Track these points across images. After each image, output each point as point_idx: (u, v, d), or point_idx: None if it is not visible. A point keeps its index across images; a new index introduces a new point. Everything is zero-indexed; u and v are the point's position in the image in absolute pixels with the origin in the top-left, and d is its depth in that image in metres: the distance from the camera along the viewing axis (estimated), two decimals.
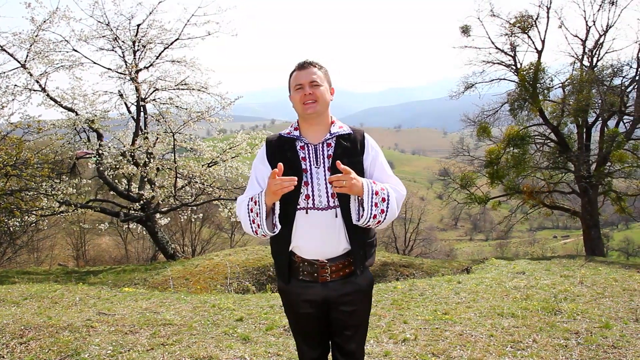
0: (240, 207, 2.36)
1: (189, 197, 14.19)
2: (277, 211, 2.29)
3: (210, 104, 14.04)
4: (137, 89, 13.28)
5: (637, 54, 16.30)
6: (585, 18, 16.78)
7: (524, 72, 16.99)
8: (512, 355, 4.05)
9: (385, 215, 2.24)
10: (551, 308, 5.37)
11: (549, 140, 18.03)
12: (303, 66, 2.35)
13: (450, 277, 7.72)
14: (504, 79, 18.26)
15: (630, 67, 16.47)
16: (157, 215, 14.25)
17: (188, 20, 13.43)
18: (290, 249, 2.38)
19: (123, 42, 13.23)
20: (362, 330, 2.52)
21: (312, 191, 2.29)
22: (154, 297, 6.19)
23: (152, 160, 13.16)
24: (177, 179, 13.16)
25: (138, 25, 13.19)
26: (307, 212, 2.30)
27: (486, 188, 19.50)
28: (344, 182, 2.13)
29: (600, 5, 16.18)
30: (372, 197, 2.20)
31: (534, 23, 16.75)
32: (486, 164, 18.22)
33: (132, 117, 13.81)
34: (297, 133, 2.40)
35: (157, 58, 13.74)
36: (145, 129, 13.69)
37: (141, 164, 13.01)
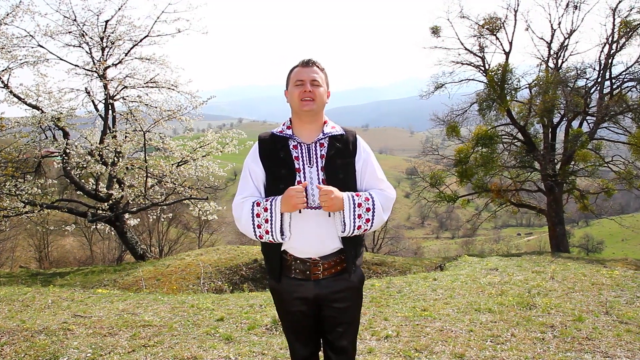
0: (241, 210, 2.34)
1: (159, 196, 13.94)
2: (289, 219, 2.30)
3: (180, 103, 13.83)
4: (105, 87, 12.96)
5: (599, 57, 16.88)
6: (550, 21, 17.29)
7: (492, 73, 17.36)
8: (493, 349, 4.13)
9: (372, 223, 2.32)
10: (526, 303, 5.51)
11: (516, 140, 18.48)
12: (307, 64, 2.35)
13: (426, 274, 7.83)
14: (472, 79, 18.62)
15: (594, 69, 17.04)
16: (126, 216, 13.95)
17: (158, 17, 13.18)
18: (282, 248, 2.37)
19: (91, 38, 12.89)
20: (354, 326, 2.53)
21: (306, 190, 2.29)
22: (130, 298, 6.06)
23: (120, 159, 12.88)
24: (148, 178, 12.91)
25: (106, 22, 12.87)
26: (300, 211, 2.30)
27: (455, 187, 19.84)
28: (324, 202, 2.21)
29: (565, 9, 16.70)
30: (353, 211, 2.27)
31: (502, 25, 17.14)
32: (455, 163, 18.55)
33: (100, 115, 13.47)
34: (289, 132, 2.39)
35: (126, 55, 13.43)
36: (113, 127, 13.38)
37: (109, 163, 12.71)
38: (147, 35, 13.34)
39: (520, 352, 4.07)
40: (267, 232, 2.27)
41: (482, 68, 18.02)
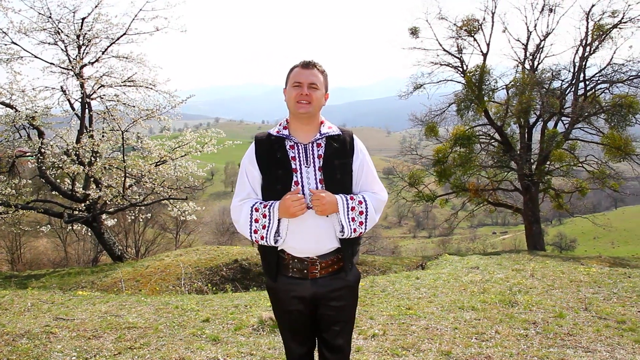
0: (239, 213, 2.36)
1: (137, 196, 13.75)
2: (287, 221, 2.32)
3: (158, 102, 13.66)
4: (81, 85, 12.72)
5: (574, 59, 17.26)
6: (526, 23, 17.61)
7: (470, 74, 17.60)
8: (478, 347, 4.19)
9: (365, 226, 2.35)
10: (508, 300, 5.60)
11: (493, 140, 18.77)
12: (307, 65, 2.35)
13: (408, 273, 7.90)
14: (451, 80, 18.83)
15: (568, 71, 17.43)
16: (103, 216, 13.72)
17: (136, 15, 12.99)
18: (281, 248, 2.37)
19: (67, 35, 12.64)
20: (350, 325, 2.55)
21: (303, 190, 2.31)
22: (112, 300, 5.96)
23: (98, 159, 12.66)
24: (126, 178, 12.72)
25: (83, 19, 12.63)
26: None
27: (433, 186, 20.05)
28: (316, 207, 2.25)
29: (541, 12, 17.03)
30: (347, 214, 2.31)
31: (479, 27, 17.39)
32: (434, 163, 18.74)
33: (77, 114, 13.21)
34: (286, 132, 2.39)
35: (102, 53, 13.20)
36: (90, 126, 13.14)
37: (86, 163, 12.48)
38: (124, 34, 13.13)
39: (505, 348, 4.13)
40: (262, 238, 2.31)
41: (460, 69, 18.25)
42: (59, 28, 12.43)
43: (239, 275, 12.04)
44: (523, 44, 17.90)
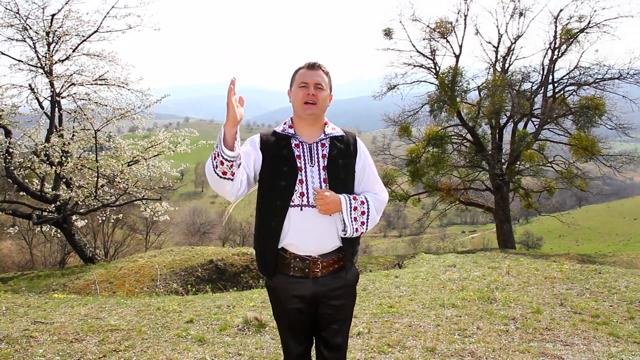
0: (207, 165, 2.24)
1: (109, 197, 13.47)
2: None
3: (131, 101, 13.41)
4: (51, 83, 12.40)
5: (543, 61, 17.74)
6: (497, 27, 17.99)
7: (443, 75, 17.87)
8: (461, 342, 4.27)
9: (367, 226, 2.39)
10: (486, 297, 5.73)
11: (465, 141, 19.11)
12: (312, 66, 2.38)
13: (387, 272, 7.98)
14: (424, 81, 19.09)
15: (538, 73, 17.89)
16: (74, 217, 13.39)
17: (108, 13, 12.73)
18: (281, 246, 2.38)
19: (36, 32, 12.29)
20: (348, 323, 2.57)
21: (307, 189, 2.32)
22: (90, 302, 5.84)
23: (69, 159, 12.36)
24: (99, 178, 12.45)
25: (52, 15, 12.30)
26: (301, 209, 2.33)
27: (406, 186, 20.28)
28: (320, 207, 2.27)
29: (511, 16, 17.42)
30: (350, 213, 2.34)
31: (452, 29, 17.68)
32: (407, 163, 18.95)
33: (46, 113, 12.87)
34: (291, 131, 2.41)
35: (73, 51, 12.89)
36: (60, 125, 12.82)
37: (56, 163, 12.17)
38: (96, 31, 12.84)
39: (487, 343, 4.23)
40: (217, 155, 2.16)
41: (434, 70, 18.51)
42: (27, 24, 12.08)
43: (214, 276, 11.93)
44: (494, 47, 18.32)
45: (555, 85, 17.96)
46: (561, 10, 17.21)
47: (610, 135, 17.96)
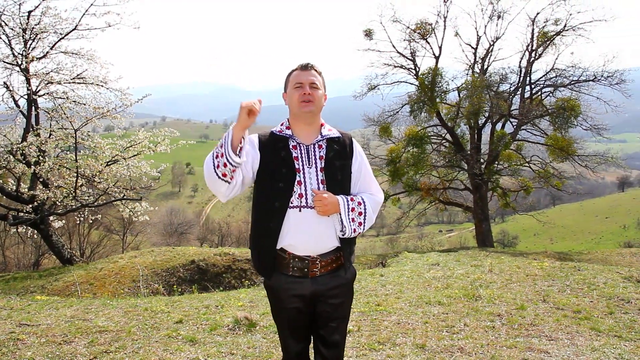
0: (208, 161, 2.25)
1: (87, 197, 13.25)
2: (246, 142, 2.27)
3: (110, 100, 13.23)
4: (28, 81, 12.15)
5: (520, 63, 18.07)
6: (476, 28, 18.29)
7: (423, 76, 18.05)
8: (450, 339, 4.35)
9: (364, 225, 2.45)
10: (471, 295, 5.83)
11: (445, 141, 19.34)
12: (305, 67, 2.42)
13: (372, 271, 8.05)
14: (404, 81, 19.25)
15: (516, 74, 18.23)
16: (51, 218, 13.15)
17: (86, 10, 12.53)
18: (280, 247, 2.40)
19: (11, 29, 12.03)
20: (346, 321, 2.61)
21: (305, 190, 2.35)
22: (75, 304, 5.75)
23: (46, 159, 12.13)
24: (78, 178, 12.25)
25: (29, 12, 12.07)
26: (300, 210, 2.36)
27: (385, 185, 20.42)
28: (319, 208, 2.30)
29: (490, 18, 17.70)
30: (348, 214, 2.39)
31: (432, 30, 17.88)
32: (387, 162, 19.09)
33: (22, 111, 12.62)
34: (289, 132, 2.43)
35: (51, 49, 12.66)
36: (37, 124, 12.57)
37: (33, 163, 11.93)
38: (74, 29, 12.64)
39: (475, 340, 4.32)
40: (222, 155, 2.19)
41: (414, 71, 18.68)
42: (2, 20, 11.82)
43: (196, 277, 11.87)
44: (473, 48, 18.59)
45: (533, 86, 18.34)
46: (538, 13, 17.60)
47: (585, 136, 18.41)
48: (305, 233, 2.36)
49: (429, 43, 18.22)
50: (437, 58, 18.25)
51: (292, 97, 2.40)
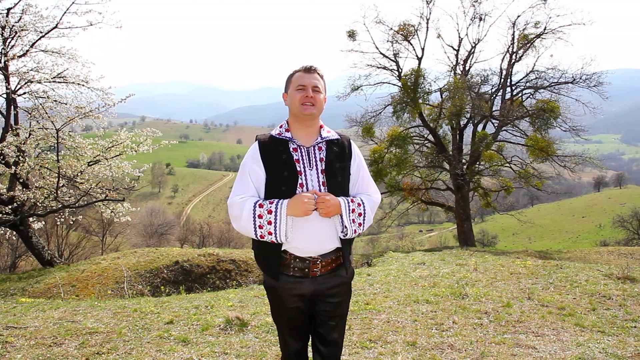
0: (241, 209, 2.35)
1: (68, 197, 13.05)
2: (291, 221, 2.36)
3: (91, 99, 13.06)
4: (7, 80, 11.93)
5: (501, 65, 18.36)
6: (458, 30, 18.50)
7: (406, 77, 18.20)
8: (440, 336, 4.43)
9: (363, 226, 2.50)
10: (458, 293, 5.92)
11: (427, 141, 19.52)
12: (309, 70, 2.44)
13: (359, 270, 8.11)
14: (387, 82, 19.37)
15: (497, 76, 18.50)
16: (31, 219, 12.93)
17: (68, 9, 12.36)
18: (284, 248, 2.43)
19: None
20: (344, 319, 2.66)
21: (307, 192, 2.37)
22: (62, 306, 5.68)
23: (26, 159, 11.93)
24: (59, 178, 12.06)
25: (8, 9, 11.85)
26: None
27: None
28: (322, 210, 2.34)
29: (471, 20, 17.94)
30: (349, 215, 2.43)
31: (415, 32, 18.03)
32: (370, 163, 19.18)
33: (0, 111, 12.38)
34: (288, 134, 2.45)
35: (31, 47, 12.45)
36: (16, 124, 12.35)
37: (12, 163, 11.72)
38: (55, 27, 12.46)
39: (464, 337, 4.40)
40: (269, 234, 2.32)
41: (397, 72, 18.82)
42: None
43: (180, 277, 11.80)
44: (455, 50, 18.83)
45: (513, 88, 18.66)
46: (518, 16, 17.92)
47: (563, 137, 18.77)
48: (307, 235, 2.40)
49: (411, 44, 18.39)
50: (419, 59, 18.42)
51: (293, 99, 2.42)
